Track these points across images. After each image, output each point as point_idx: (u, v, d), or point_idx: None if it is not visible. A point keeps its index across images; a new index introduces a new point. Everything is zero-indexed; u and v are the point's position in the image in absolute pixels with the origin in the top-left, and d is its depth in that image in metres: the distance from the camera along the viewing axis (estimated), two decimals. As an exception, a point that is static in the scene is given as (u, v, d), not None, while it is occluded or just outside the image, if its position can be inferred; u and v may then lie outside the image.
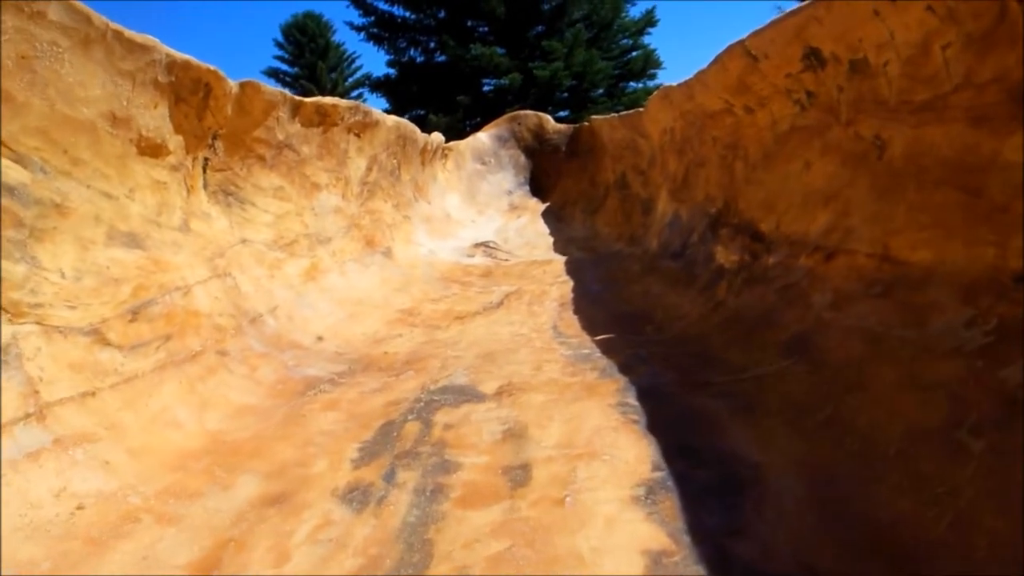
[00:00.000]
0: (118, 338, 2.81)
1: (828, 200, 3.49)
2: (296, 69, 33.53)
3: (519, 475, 2.35)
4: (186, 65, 3.54)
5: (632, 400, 2.90)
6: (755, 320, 3.56)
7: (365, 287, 5.32)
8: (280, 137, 4.69)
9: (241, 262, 4.13)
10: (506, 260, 7.54)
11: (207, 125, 3.98)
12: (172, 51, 3.41)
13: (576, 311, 4.93)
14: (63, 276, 2.67)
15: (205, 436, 2.78)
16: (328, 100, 5.25)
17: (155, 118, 3.40)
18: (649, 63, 25.62)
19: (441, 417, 2.91)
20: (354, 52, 36.63)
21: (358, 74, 34.76)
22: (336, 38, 34.44)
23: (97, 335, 2.70)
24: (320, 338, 4.17)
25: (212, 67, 3.78)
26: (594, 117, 10.30)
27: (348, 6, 25.68)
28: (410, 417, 2.92)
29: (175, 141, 3.65)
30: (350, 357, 3.99)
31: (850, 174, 3.32)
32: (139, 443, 2.53)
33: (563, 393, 3.07)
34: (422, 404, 3.07)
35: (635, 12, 26.06)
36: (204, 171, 4.07)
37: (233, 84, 4.10)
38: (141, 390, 2.75)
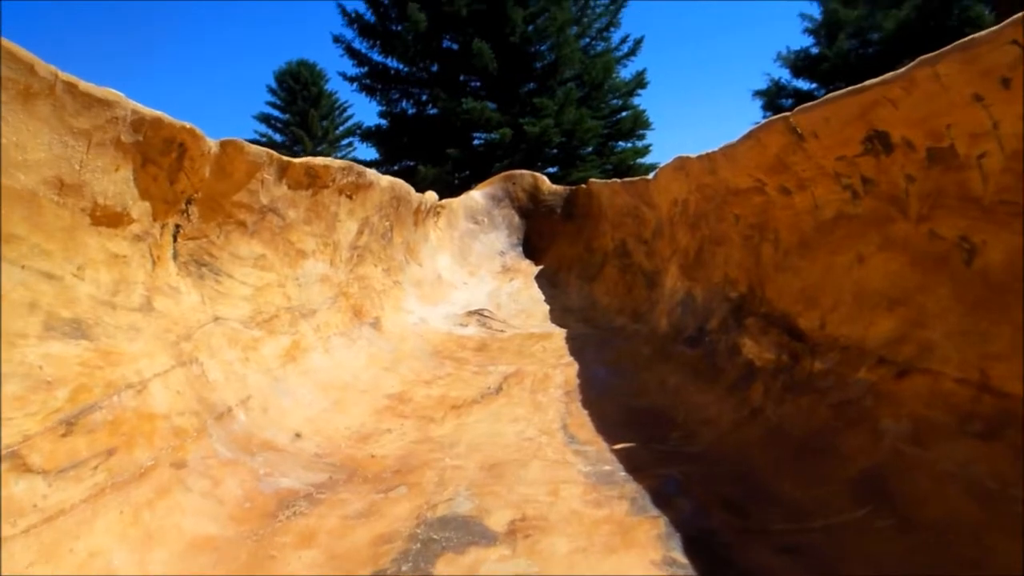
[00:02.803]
0: (43, 461, 2.20)
1: (893, 304, 2.98)
2: (288, 115, 33.35)
3: None
4: (156, 123, 2.99)
5: (680, 555, 2.32)
6: (806, 441, 3.01)
7: (351, 367, 4.72)
8: (264, 201, 4.15)
9: (211, 344, 3.55)
10: (501, 331, 6.97)
11: (180, 189, 3.42)
12: (140, 107, 2.86)
13: (585, 403, 4.36)
14: (-25, 385, 2.09)
15: (146, 590, 2.17)
16: (319, 161, 4.72)
17: (115, 183, 2.85)
18: (638, 123, 25.70)
19: (443, 567, 2.31)
20: (346, 101, 36.50)
21: (349, 123, 34.67)
22: (329, 87, 34.40)
23: (14, 460, 2.10)
24: (298, 435, 3.57)
25: (188, 124, 3.24)
26: (593, 180, 9.84)
27: (342, 56, 25.61)
28: (404, 567, 2.32)
29: (140, 208, 3.10)
30: (331, 461, 3.39)
31: (923, 278, 2.81)
32: (54, 613, 1.92)
33: (591, 537, 2.49)
34: (419, 545, 2.47)
35: (626, 74, 26.19)
36: (174, 240, 3.51)
37: (212, 143, 3.55)
38: (67, 530, 2.14)
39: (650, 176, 7.03)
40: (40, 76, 2.28)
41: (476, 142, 24.31)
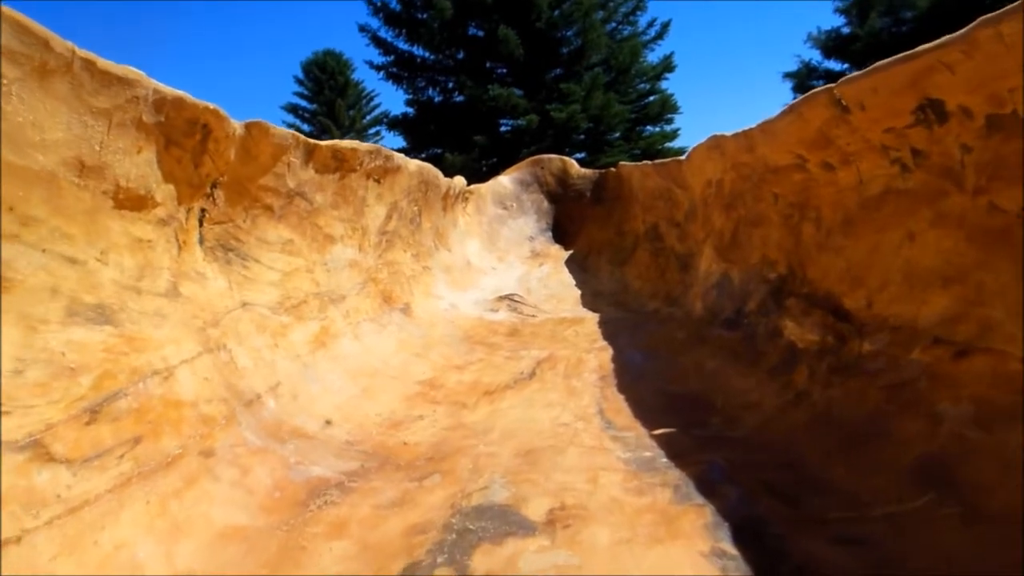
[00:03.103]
0: (67, 450, 2.12)
1: (948, 282, 2.81)
2: (315, 105, 33.38)
3: None
4: (179, 103, 2.90)
5: (729, 545, 2.19)
6: (857, 426, 2.86)
7: (381, 353, 4.63)
8: (291, 185, 4.05)
9: (239, 331, 3.46)
10: (532, 316, 6.84)
11: (205, 172, 3.34)
12: (161, 86, 2.77)
13: (621, 389, 4.23)
14: (-4, 371, 2.00)
15: (173, 583, 2.08)
16: (346, 144, 4.62)
17: (138, 165, 2.76)
18: (666, 108, 25.35)
19: (480, 559, 2.20)
20: (373, 90, 36.48)
21: (376, 111, 34.65)
22: (356, 76, 34.36)
23: (37, 449, 2.02)
24: (328, 422, 3.48)
25: (212, 105, 3.14)
26: (623, 163, 9.66)
27: (368, 45, 25.54)
28: (440, 559, 2.21)
29: (164, 191, 3.01)
30: (363, 448, 3.30)
31: (981, 253, 2.65)
32: (77, 609, 1.84)
33: (634, 527, 2.36)
34: (454, 536, 2.36)
35: (653, 57, 25.81)
36: (200, 224, 3.43)
37: (237, 125, 3.46)
38: (91, 522, 2.06)
39: (682, 157, 6.84)
40: (56, 52, 2.18)
41: (503, 129, 24.12)
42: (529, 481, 2.79)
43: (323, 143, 4.31)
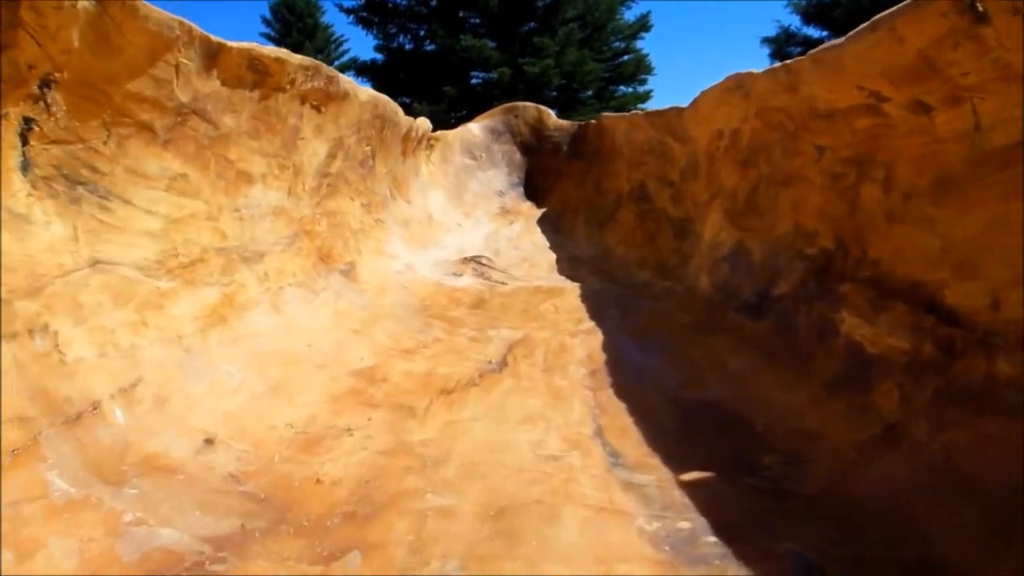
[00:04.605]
0: None
1: None
2: (282, 47, 31.57)
3: None
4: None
5: None
6: (1010, 498, 1.76)
7: (309, 329, 3.40)
8: (183, 98, 2.80)
9: (81, 302, 2.26)
10: (502, 284, 5.62)
11: (26, 61, 2.11)
12: None
13: (620, 393, 3.09)
14: None
15: None
16: (268, 51, 3.34)
17: None
18: (640, 68, 24.18)
19: None
20: (342, 35, 34.47)
21: (345, 57, 32.85)
22: (325, 19, 32.51)
23: None
24: (210, 440, 2.30)
25: (17, -53, 1.90)
26: (606, 114, 8.46)
27: (339, -14, 23.89)
28: None
29: (-72, 79, 1.78)
30: (253, 488, 2.12)
31: None
32: None
33: None
34: None
35: (630, 16, 24.55)
36: (24, 142, 2.20)
37: (83, -6, 2.21)
38: None
39: (683, 105, 5.64)
40: None
41: (474, 81, 22.73)
42: (504, 579, 1.65)
43: (233, 44, 3.04)
